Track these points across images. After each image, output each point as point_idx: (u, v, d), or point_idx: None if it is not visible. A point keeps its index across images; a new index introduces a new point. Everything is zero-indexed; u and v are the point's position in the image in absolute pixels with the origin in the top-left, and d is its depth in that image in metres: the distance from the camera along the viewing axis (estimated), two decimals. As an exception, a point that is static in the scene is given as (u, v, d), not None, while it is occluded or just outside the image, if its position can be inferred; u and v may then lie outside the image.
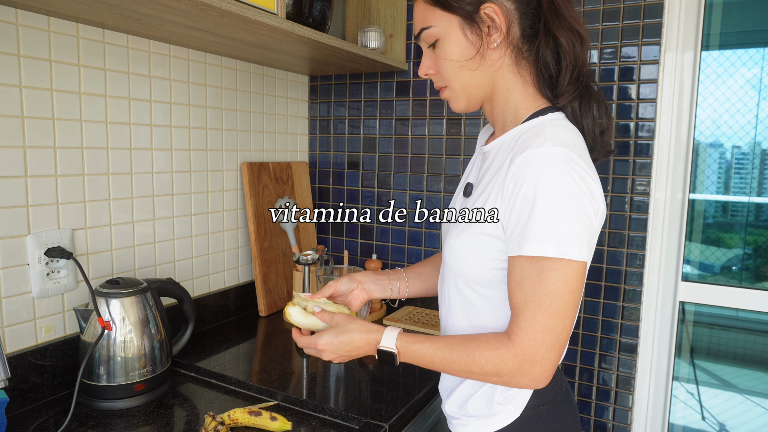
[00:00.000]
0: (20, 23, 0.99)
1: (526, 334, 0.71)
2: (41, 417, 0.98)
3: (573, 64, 0.79)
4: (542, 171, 0.70)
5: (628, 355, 1.44)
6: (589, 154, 0.80)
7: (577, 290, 0.71)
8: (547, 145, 0.72)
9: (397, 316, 1.54)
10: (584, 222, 0.71)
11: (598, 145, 0.83)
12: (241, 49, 1.36)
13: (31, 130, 1.02)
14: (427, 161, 1.65)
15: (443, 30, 0.80)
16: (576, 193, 0.70)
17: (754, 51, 1.47)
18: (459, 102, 0.86)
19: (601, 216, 0.76)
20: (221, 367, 1.19)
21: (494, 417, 0.84)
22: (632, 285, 1.41)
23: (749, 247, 1.59)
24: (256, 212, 1.56)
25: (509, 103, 0.83)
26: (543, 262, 0.70)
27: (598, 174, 0.79)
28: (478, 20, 0.78)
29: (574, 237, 0.70)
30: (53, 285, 1.06)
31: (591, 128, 0.82)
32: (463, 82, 0.83)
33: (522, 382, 0.74)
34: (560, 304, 0.70)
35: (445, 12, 0.79)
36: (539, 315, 0.71)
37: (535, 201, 0.70)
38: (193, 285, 1.42)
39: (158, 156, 1.29)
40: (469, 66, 0.81)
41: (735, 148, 1.54)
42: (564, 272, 0.70)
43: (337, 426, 0.99)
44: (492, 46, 0.79)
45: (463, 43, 0.80)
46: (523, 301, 0.72)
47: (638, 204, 1.39)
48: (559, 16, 0.77)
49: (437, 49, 0.82)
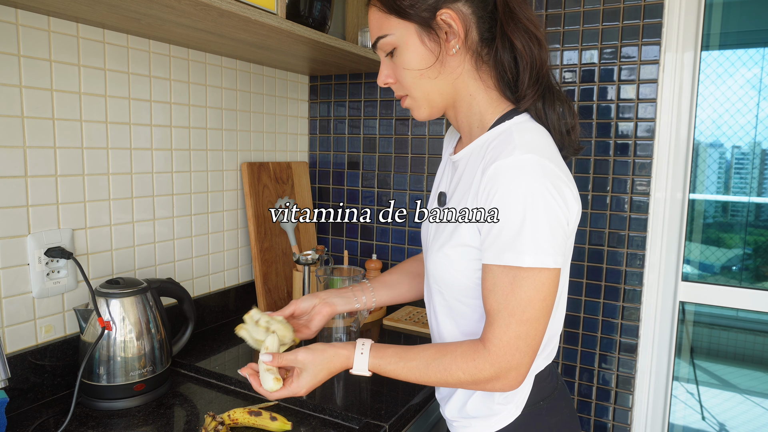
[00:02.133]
0: (20, 23, 0.99)
1: (501, 341, 0.72)
2: (41, 417, 0.98)
3: (530, 66, 0.78)
4: (515, 182, 0.70)
5: (628, 355, 1.43)
6: (559, 152, 0.80)
7: (549, 297, 0.72)
8: (517, 154, 0.71)
9: (397, 316, 1.55)
10: (556, 229, 0.71)
11: (566, 143, 0.83)
12: (241, 49, 1.36)
13: (31, 130, 1.02)
14: (427, 161, 1.65)
15: (400, 38, 0.79)
16: (548, 201, 0.70)
17: (754, 51, 1.47)
18: (421, 110, 0.85)
19: (575, 218, 0.76)
20: (221, 367, 1.19)
21: (496, 417, 0.84)
22: (632, 285, 1.41)
23: (749, 247, 1.59)
24: (256, 212, 1.56)
25: (473, 109, 0.82)
26: (515, 271, 0.70)
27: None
28: (435, 27, 0.77)
29: (546, 245, 0.70)
30: (53, 285, 1.06)
31: (557, 126, 0.81)
32: (424, 91, 0.82)
33: (497, 387, 0.75)
34: (533, 312, 0.71)
35: (401, 20, 0.78)
36: (513, 323, 0.71)
37: (507, 211, 0.70)
38: (193, 285, 1.42)
39: (158, 156, 1.29)
40: (428, 74, 0.80)
41: (735, 148, 1.54)
42: (536, 281, 0.70)
43: (337, 426, 0.99)
44: (451, 53, 0.78)
45: (422, 51, 0.78)
46: (497, 308, 0.72)
47: (638, 204, 1.39)
48: (514, 19, 0.76)
49: (395, 57, 0.81)
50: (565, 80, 1.46)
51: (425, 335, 1.44)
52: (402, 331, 1.47)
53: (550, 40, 1.47)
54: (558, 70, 1.47)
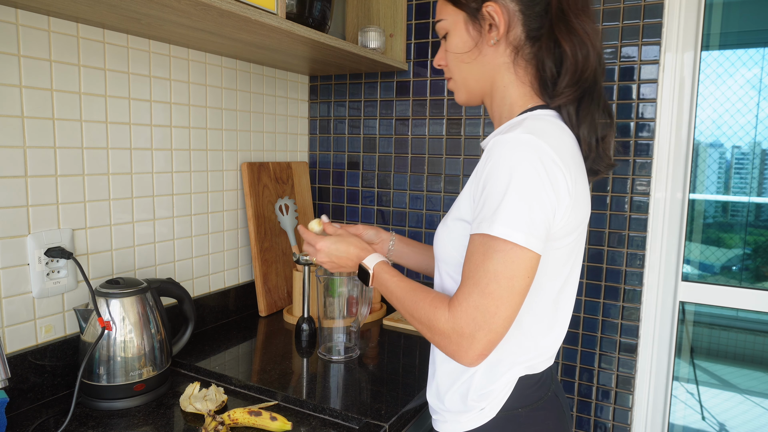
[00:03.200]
0: (20, 23, 0.99)
1: (461, 306, 0.73)
2: (41, 417, 0.98)
3: (574, 69, 0.79)
4: (505, 154, 0.72)
5: (628, 355, 1.44)
6: (579, 155, 0.80)
7: (517, 277, 0.71)
8: (517, 132, 0.73)
9: (397, 315, 1.55)
10: (536, 210, 0.70)
11: (593, 154, 0.84)
12: (241, 49, 1.36)
13: (31, 130, 1.02)
14: (427, 161, 1.65)
15: (451, 23, 0.87)
16: (532, 181, 0.70)
17: (754, 51, 1.47)
18: (460, 93, 0.92)
19: (567, 212, 0.75)
20: (221, 367, 1.19)
21: (468, 414, 0.83)
22: (632, 285, 1.41)
23: (749, 247, 1.59)
24: (256, 212, 1.56)
25: (505, 100, 0.86)
26: (489, 242, 0.71)
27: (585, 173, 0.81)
28: (479, 17, 0.83)
29: (520, 222, 0.70)
30: (53, 285, 1.06)
31: (586, 136, 0.83)
32: (462, 75, 0.88)
33: (449, 349, 0.75)
34: (496, 286, 0.70)
35: (454, 7, 0.86)
36: (475, 291, 0.72)
37: (493, 182, 0.72)
38: (193, 285, 1.42)
39: (158, 156, 1.29)
40: (465, 59, 0.86)
41: (735, 148, 1.54)
42: (506, 256, 0.70)
43: (337, 426, 0.99)
44: (490, 43, 0.83)
45: (464, 37, 0.85)
46: (467, 275, 0.73)
47: (638, 204, 1.39)
48: (566, 24, 0.79)
49: (447, 41, 0.89)
50: (565, 80, 1.46)
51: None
52: (402, 332, 1.47)
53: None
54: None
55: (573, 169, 0.75)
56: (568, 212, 0.75)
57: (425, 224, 1.68)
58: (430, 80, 1.62)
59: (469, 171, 1.59)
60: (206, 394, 1.03)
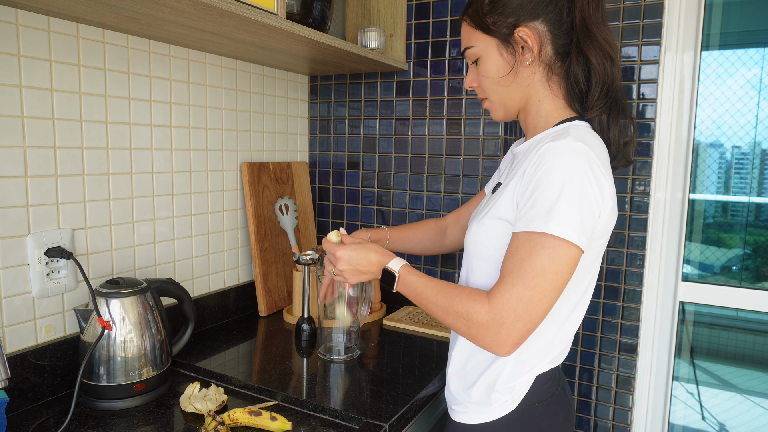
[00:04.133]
0: (20, 23, 0.99)
1: (503, 297, 0.76)
2: (41, 417, 0.98)
3: (603, 81, 0.85)
4: (559, 159, 0.76)
5: (628, 355, 1.44)
6: (609, 162, 0.86)
7: (561, 273, 0.76)
8: (569, 140, 0.78)
9: (397, 316, 1.55)
10: (586, 213, 0.75)
11: (620, 155, 0.90)
12: (241, 49, 1.36)
13: (31, 130, 1.02)
14: (427, 161, 1.65)
15: (483, 50, 0.90)
16: (584, 184, 0.75)
17: (754, 51, 1.47)
18: (497, 113, 0.96)
19: (608, 215, 0.80)
20: (221, 367, 1.19)
21: (492, 406, 0.88)
22: (632, 285, 1.41)
23: (749, 247, 1.59)
24: (256, 212, 1.56)
25: (540, 113, 0.91)
26: (537, 238, 0.75)
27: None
28: (512, 42, 0.87)
29: (574, 222, 0.74)
30: (53, 285, 1.06)
31: (617, 139, 0.89)
32: (500, 96, 0.92)
33: (486, 339, 0.79)
34: (541, 280, 0.75)
35: (484, 34, 0.89)
36: (519, 284, 0.76)
37: (546, 184, 0.76)
38: (193, 285, 1.42)
39: (158, 156, 1.29)
40: (503, 82, 0.90)
41: (735, 148, 1.54)
42: (554, 252, 0.75)
43: (337, 426, 0.99)
44: (525, 65, 0.88)
45: (499, 62, 0.89)
46: (510, 268, 0.77)
47: (638, 204, 1.39)
48: (591, 38, 0.84)
49: (479, 66, 0.92)
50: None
51: (425, 335, 1.44)
52: (402, 332, 1.47)
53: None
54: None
55: (611, 176, 0.82)
56: (608, 215, 0.81)
57: (425, 224, 1.68)
58: (430, 80, 1.62)
59: (469, 171, 1.59)
60: (206, 394, 1.03)
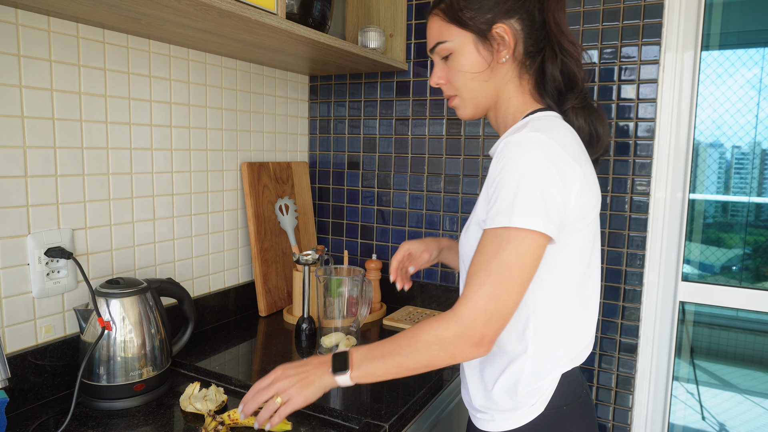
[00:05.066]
0: (20, 23, 0.99)
1: (471, 300, 0.75)
2: (41, 417, 0.98)
3: (577, 75, 0.87)
4: (514, 153, 0.76)
5: (628, 355, 1.44)
6: (582, 146, 0.86)
7: (526, 266, 0.75)
8: (525, 131, 0.78)
9: (397, 316, 1.55)
10: (549, 200, 0.75)
11: (594, 142, 0.91)
12: (241, 49, 1.36)
13: (31, 130, 1.02)
14: (427, 161, 1.65)
15: (458, 45, 0.88)
16: (541, 172, 0.74)
17: (754, 51, 1.47)
18: (467, 110, 0.94)
19: (578, 195, 0.79)
20: (221, 367, 1.19)
21: (518, 411, 0.86)
22: (632, 285, 1.41)
23: (749, 247, 1.59)
24: (256, 212, 1.56)
25: (509, 110, 0.91)
26: (502, 234, 0.75)
27: (595, 172, 0.86)
28: (489, 38, 0.86)
29: (535, 209, 0.73)
30: (53, 285, 1.06)
31: (585, 127, 0.90)
32: (473, 93, 0.91)
33: (463, 348, 0.76)
34: (509, 275, 0.74)
35: (460, 29, 0.87)
36: (487, 283, 0.74)
37: (505, 179, 0.76)
38: (193, 285, 1.42)
39: (158, 156, 1.29)
40: (480, 78, 0.89)
41: (735, 148, 1.54)
42: (519, 245, 0.74)
43: (337, 426, 0.99)
44: (501, 62, 0.87)
45: (476, 58, 0.88)
46: (477, 268, 0.76)
47: (638, 204, 1.39)
48: (563, 34, 0.86)
49: (450, 61, 0.90)
50: (565, 80, 1.46)
51: (425, 335, 1.44)
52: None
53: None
54: (558, 70, 1.47)
55: (579, 157, 0.80)
56: (580, 196, 0.79)
57: (425, 224, 1.68)
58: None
59: (469, 171, 1.59)
60: (206, 394, 1.03)
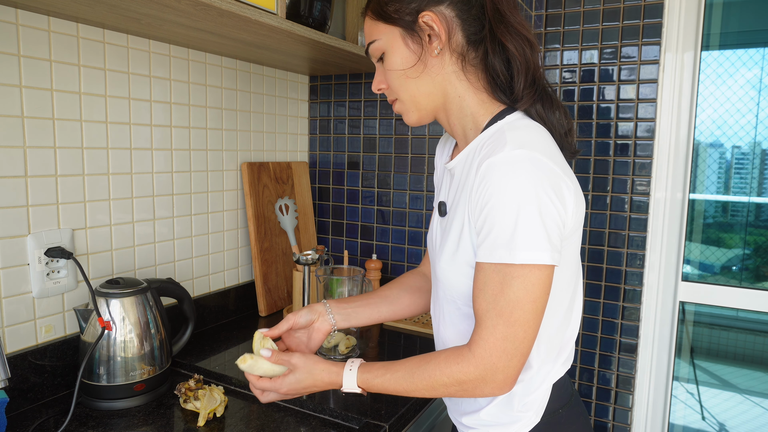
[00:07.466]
0: (20, 23, 0.99)
1: (487, 343, 0.71)
2: (41, 417, 0.98)
3: (525, 68, 0.79)
4: (505, 178, 0.70)
5: (628, 355, 1.43)
6: (557, 147, 0.79)
7: (540, 298, 0.71)
8: (508, 149, 0.71)
9: (397, 316, 1.55)
10: (551, 227, 0.70)
11: (565, 145, 0.83)
12: (241, 49, 1.36)
13: (31, 130, 1.02)
14: (427, 161, 1.65)
15: (387, 42, 0.82)
16: (541, 197, 0.69)
17: (754, 51, 1.47)
18: (410, 114, 0.86)
19: (574, 216, 0.75)
20: (221, 367, 1.19)
21: (516, 424, 0.83)
22: (632, 285, 1.41)
23: (749, 247, 1.59)
24: (256, 212, 1.56)
25: (464, 111, 0.83)
26: (505, 270, 0.70)
27: (576, 173, 0.79)
28: (417, 29, 0.79)
29: (541, 241, 0.69)
30: (53, 285, 1.06)
31: (557, 127, 0.82)
32: (410, 92, 0.83)
33: (485, 391, 0.74)
34: (521, 313, 0.70)
35: (387, 25, 0.82)
36: (500, 323, 0.70)
37: (499, 209, 0.70)
38: (193, 285, 1.42)
39: (158, 156, 1.29)
40: (411, 74, 0.82)
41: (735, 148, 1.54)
42: (526, 280, 0.69)
43: (337, 426, 0.99)
44: (433, 54, 0.80)
45: (405, 53, 0.81)
46: (485, 308, 0.72)
47: (638, 204, 1.39)
48: (504, 22, 0.78)
49: (384, 61, 0.84)
50: (564, 80, 1.46)
51: (425, 335, 1.44)
52: (402, 331, 1.47)
53: (550, 41, 1.47)
54: (558, 70, 1.47)
55: (564, 167, 0.75)
56: (575, 210, 0.75)
57: (425, 224, 1.68)
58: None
59: (469, 171, 1.59)
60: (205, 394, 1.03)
